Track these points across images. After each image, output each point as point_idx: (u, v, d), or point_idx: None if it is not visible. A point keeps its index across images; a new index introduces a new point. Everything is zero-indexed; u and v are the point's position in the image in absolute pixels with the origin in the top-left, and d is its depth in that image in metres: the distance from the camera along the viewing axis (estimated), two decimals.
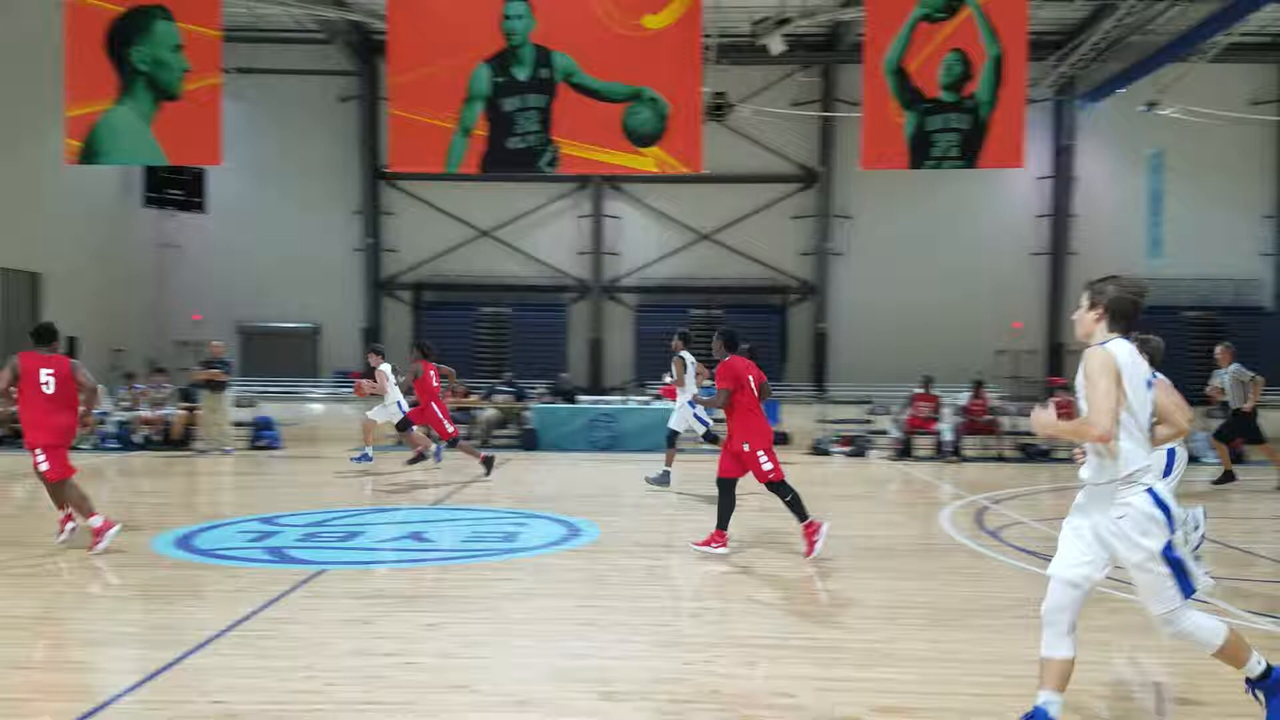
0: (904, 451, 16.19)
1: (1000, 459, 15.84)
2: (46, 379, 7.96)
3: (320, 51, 33.55)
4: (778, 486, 7.83)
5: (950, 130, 14.54)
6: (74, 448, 16.25)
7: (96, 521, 7.91)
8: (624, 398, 19.88)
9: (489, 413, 18.28)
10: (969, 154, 14.66)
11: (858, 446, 16.72)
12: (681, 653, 5.40)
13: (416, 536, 8.87)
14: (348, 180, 34.94)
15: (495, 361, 30.55)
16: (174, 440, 16.63)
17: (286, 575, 7.02)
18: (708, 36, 15.16)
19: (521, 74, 13.80)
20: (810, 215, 32.14)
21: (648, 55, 13.76)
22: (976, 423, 16.26)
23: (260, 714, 4.38)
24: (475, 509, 10.54)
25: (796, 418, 19.25)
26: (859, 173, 22.35)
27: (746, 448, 7.77)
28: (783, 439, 18.17)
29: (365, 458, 13.28)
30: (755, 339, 24.15)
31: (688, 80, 14.04)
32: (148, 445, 16.57)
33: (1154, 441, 7.10)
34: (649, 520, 9.97)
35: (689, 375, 12.01)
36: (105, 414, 17.14)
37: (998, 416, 16.52)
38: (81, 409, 8.22)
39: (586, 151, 13.99)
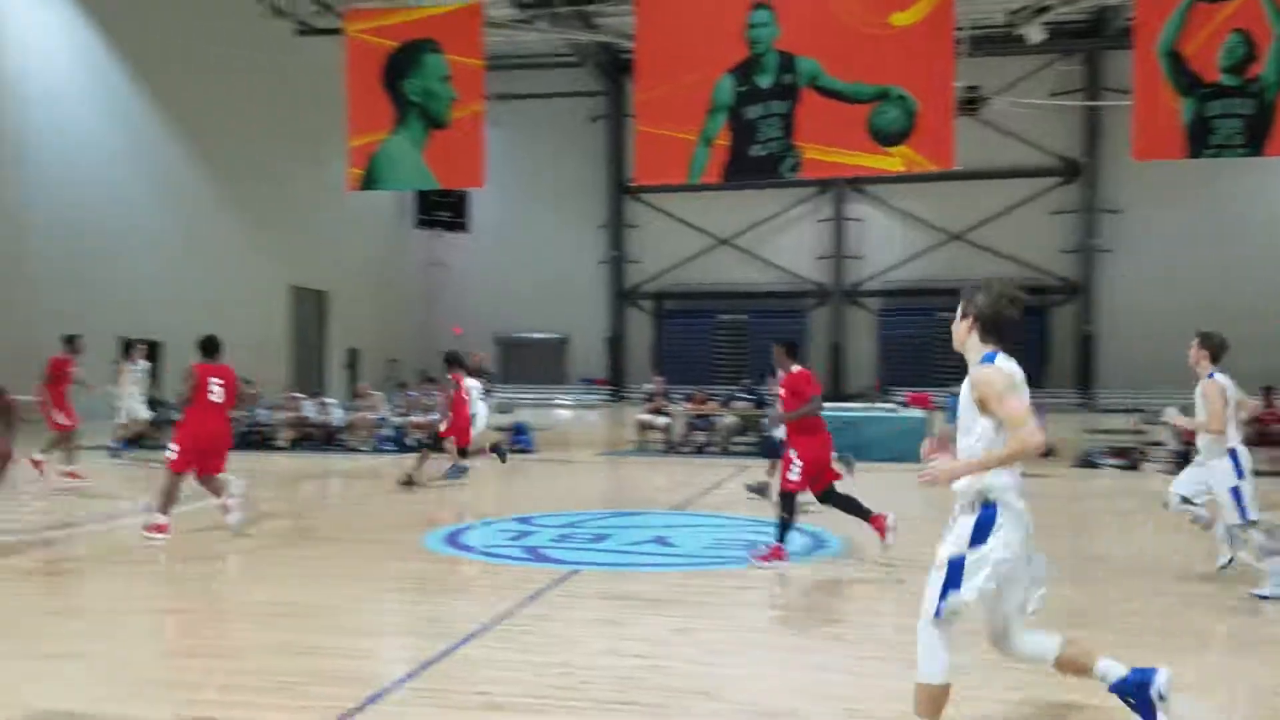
0: (1184, 464, 14.86)
1: None
2: (215, 387, 8.77)
3: (571, 74, 35.04)
4: (785, 497, 7.76)
5: (1233, 116, 13.29)
6: (354, 450, 17.64)
7: (161, 519, 8.52)
8: (867, 404, 19.43)
9: (728, 420, 18.37)
10: (1254, 141, 13.36)
11: (1131, 459, 15.54)
12: None
13: (661, 541, 9.03)
14: (595, 196, 36.27)
15: (733, 368, 30.67)
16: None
17: (543, 574, 7.34)
18: (959, 29, 14.58)
19: (765, 81, 13.84)
20: (1073, 210, 30.26)
21: (895, 53, 13.44)
22: (1268, 434, 14.70)
23: (521, 707, 4.59)
24: (717, 515, 10.62)
25: (1060, 427, 18.08)
26: (1128, 164, 20.80)
27: (793, 454, 7.81)
28: (1047, 451, 17.14)
29: (459, 470, 13.38)
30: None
31: (938, 76, 13.59)
32: (419, 448, 17.80)
33: (1186, 423, 6.91)
34: (897, 533, 9.67)
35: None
36: (383, 419, 18.61)
37: None
38: (235, 411, 9.13)
39: (830, 154, 13.83)
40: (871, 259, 33.18)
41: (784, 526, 7.68)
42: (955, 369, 4.00)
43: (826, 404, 20.52)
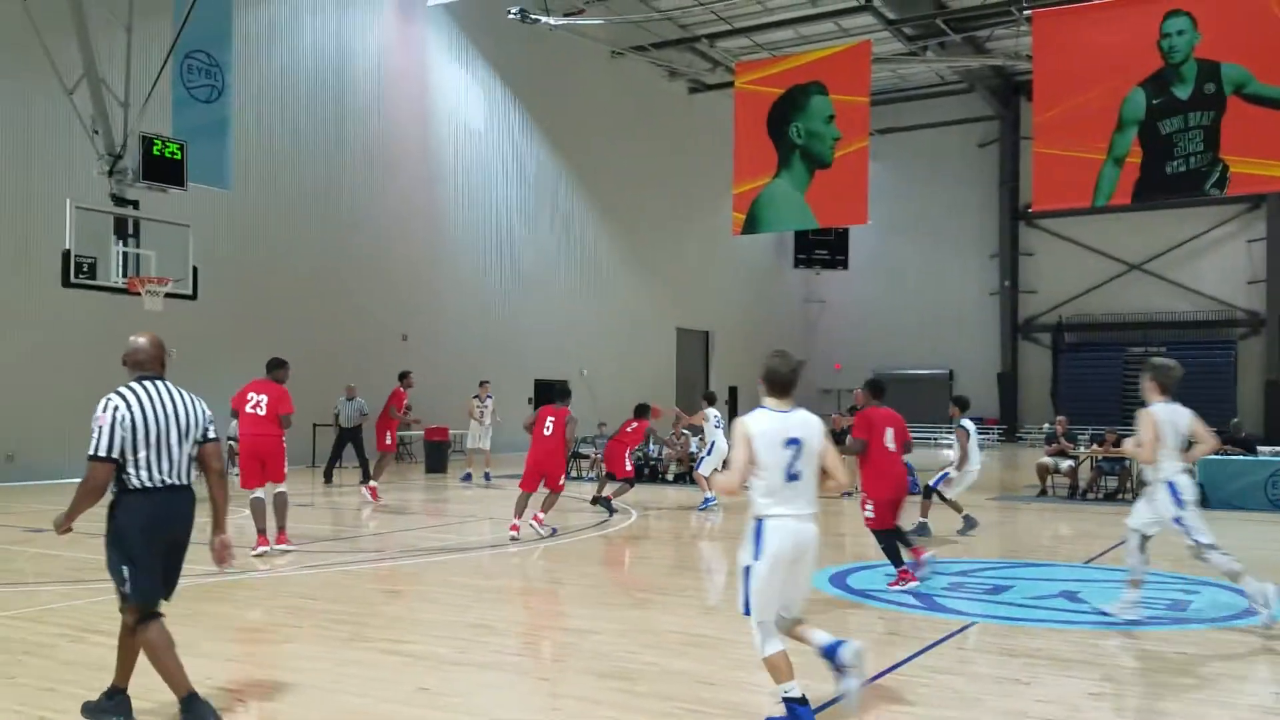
0: None
1: None
2: (549, 425, 11.22)
3: (958, 101, 34.00)
4: (876, 534, 8.40)
5: None
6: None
7: (516, 522, 11.03)
8: None
9: None
10: None
11: None
12: None
13: (1069, 595, 8.35)
14: (984, 224, 34.75)
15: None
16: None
17: (937, 624, 7.05)
18: None
19: (1182, 92, 12.54)
20: None
21: None
22: None
23: None
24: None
25: None
26: None
27: (860, 493, 8.48)
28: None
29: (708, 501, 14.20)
30: None
31: None
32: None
33: (1189, 457, 7.16)
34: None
35: (971, 444, 11.88)
36: None
37: None
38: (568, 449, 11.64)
39: (1264, 168, 12.20)
40: None
41: (891, 554, 8.34)
42: None
43: (1262, 447, 18.14)
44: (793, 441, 4.67)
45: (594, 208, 29.51)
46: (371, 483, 14.84)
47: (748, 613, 4.68)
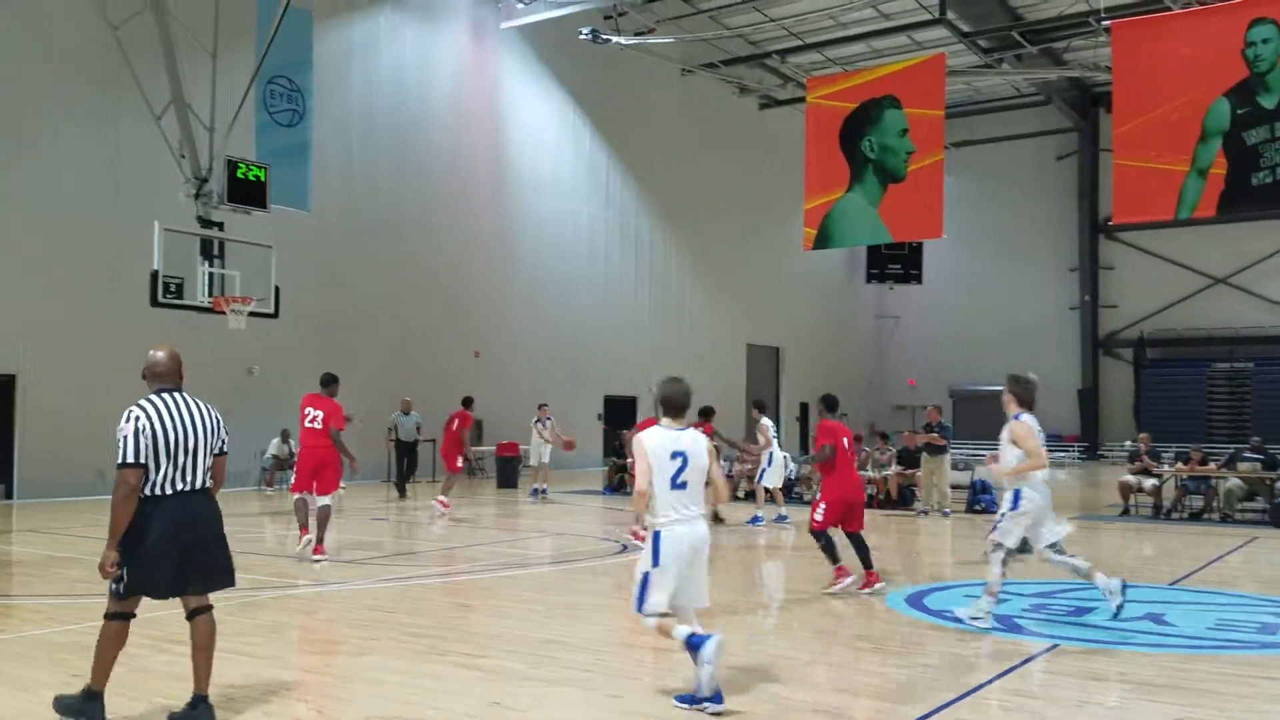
0: None
1: None
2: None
3: (1035, 114, 33.43)
4: (815, 535, 8.91)
5: None
6: (809, 503, 18.01)
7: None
8: None
9: (1231, 483, 16.07)
10: None
11: None
12: None
13: (1155, 618, 8.10)
14: (1063, 238, 34.05)
15: (1234, 423, 26.96)
16: (894, 500, 17.49)
17: (1017, 646, 6.90)
18: None
19: (1269, 102, 12.18)
20: None
21: None
22: None
23: None
24: (1221, 593, 9.32)
25: None
26: None
27: (817, 495, 9.13)
28: None
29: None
30: None
31: None
32: (870, 504, 17.69)
33: (1014, 471, 7.66)
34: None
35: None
36: None
37: None
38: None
39: None
40: None
41: (829, 551, 8.84)
42: None
43: None
44: (678, 454, 5.38)
45: (664, 224, 29.60)
46: (441, 497, 15.29)
47: (640, 610, 5.32)
